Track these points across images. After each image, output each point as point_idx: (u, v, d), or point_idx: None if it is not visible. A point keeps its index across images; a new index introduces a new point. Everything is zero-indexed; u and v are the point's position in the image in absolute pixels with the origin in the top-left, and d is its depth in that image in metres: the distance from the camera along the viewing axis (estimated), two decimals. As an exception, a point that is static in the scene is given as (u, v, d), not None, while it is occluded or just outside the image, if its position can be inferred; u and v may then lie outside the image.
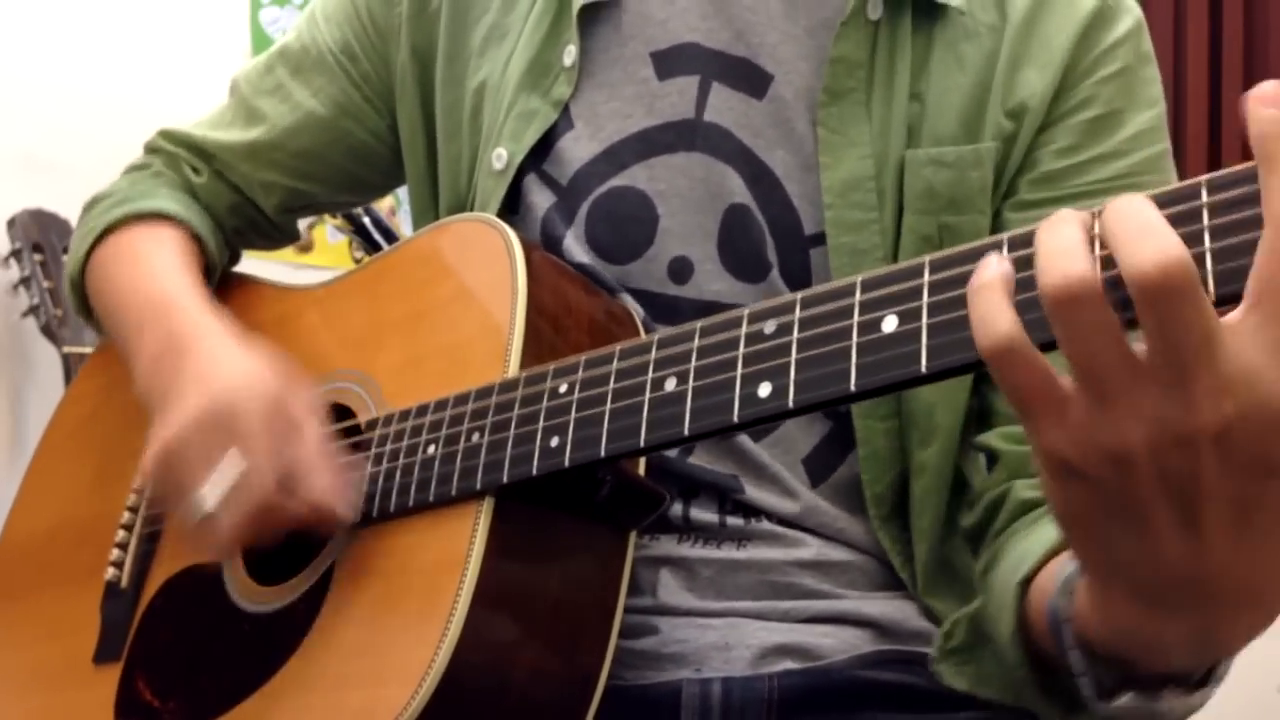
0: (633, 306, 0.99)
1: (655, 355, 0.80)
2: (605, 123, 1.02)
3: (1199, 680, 0.70)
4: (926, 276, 0.67)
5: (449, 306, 0.97)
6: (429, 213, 1.12)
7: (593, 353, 0.84)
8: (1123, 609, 0.66)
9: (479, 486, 0.85)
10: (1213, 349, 0.55)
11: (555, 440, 0.83)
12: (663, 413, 0.78)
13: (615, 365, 0.82)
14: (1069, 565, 0.74)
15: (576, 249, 1.00)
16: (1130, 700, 0.70)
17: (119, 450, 1.14)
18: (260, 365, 0.96)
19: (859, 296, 0.70)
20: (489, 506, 0.85)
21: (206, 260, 1.16)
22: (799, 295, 0.74)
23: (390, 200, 2.73)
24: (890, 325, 0.68)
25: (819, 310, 0.72)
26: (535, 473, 0.83)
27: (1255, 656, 0.75)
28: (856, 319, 0.70)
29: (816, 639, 0.96)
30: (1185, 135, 3.07)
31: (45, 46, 2.53)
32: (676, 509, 0.97)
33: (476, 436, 0.87)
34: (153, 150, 1.22)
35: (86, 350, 2.12)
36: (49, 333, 2.29)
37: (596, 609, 0.89)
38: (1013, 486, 0.93)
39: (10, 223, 2.37)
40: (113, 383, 1.19)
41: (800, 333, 0.72)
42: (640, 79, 1.02)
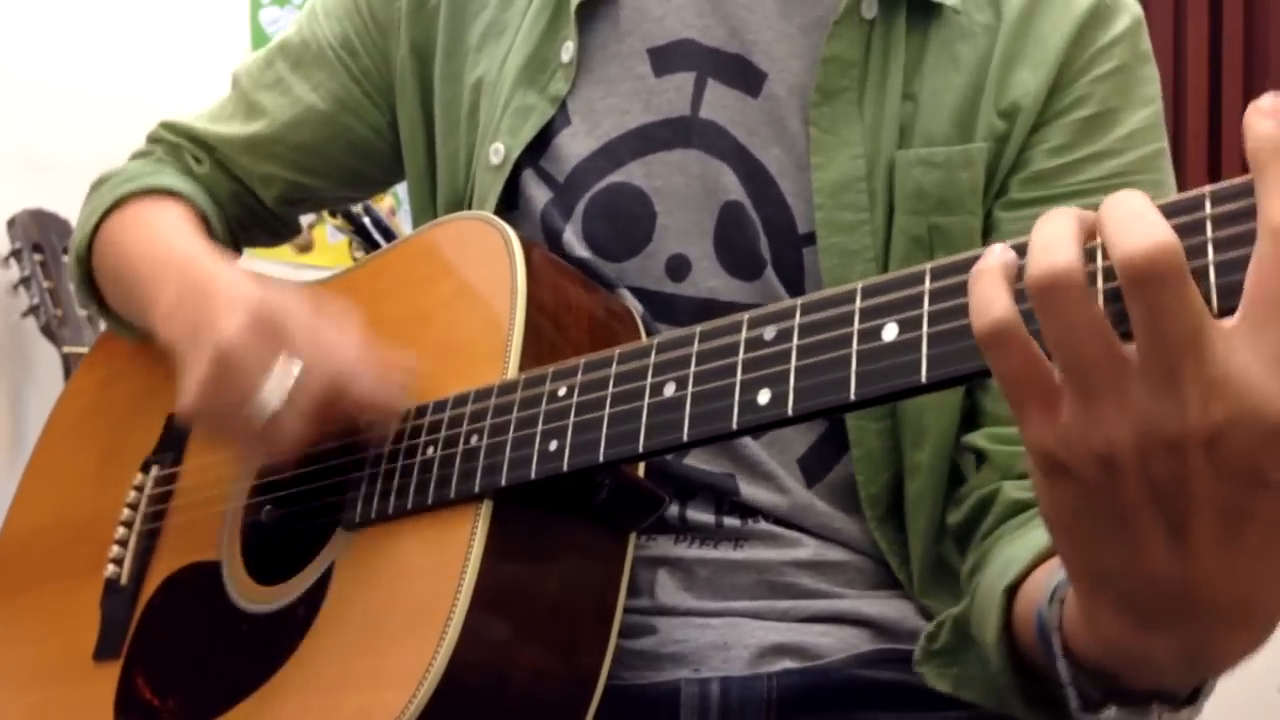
0: (631, 303, 0.99)
1: (654, 360, 0.80)
2: (602, 119, 1.02)
3: (1186, 698, 0.69)
4: (927, 284, 0.67)
5: (448, 305, 0.97)
6: (428, 209, 1.12)
7: (592, 356, 0.84)
8: (1110, 623, 0.65)
9: (477, 489, 0.85)
10: (1201, 346, 0.55)
11: (554, 444, 0.83)
12: (661, 418, 0.78)
13: (614, 369, 0.82)
14: (1057, 574, 0.73)
15: (575, 244, 1.01)
16: (1115, 714, 0.69)
17: (119, 445, 1.15)
18: (286, 286, 0.96)
19: (859, 304, 0.70)
20: (487, 509, 0.85)
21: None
22: (799, 301, 0.74)
23: (390, 200, 2.72)
24: (890, 334, 0.68)
25: (819, 317, 0.72)
26: (533, 476, 0.83)
27: (1255, 656, 0.74)
28: (857, 326, 0.69)
29: (815, 638, 0.96)
30: (1185, 135, 3.07)
31: (45, 46, 2.52)
32: (673, 510, 0.97)
33: (475, 439, 0.87)
34: (155, 140, 1.23)
35: (86, 350, 2.12)
36: (49, 333, 2.29)
37: (596, 610, 0.89)
38: (1002, 487, 0.93)
39: (10, 223, 2.36)
40: (112, 377, 1.20)
41: (800, 339, 0.72)
42: (637, 75, 1.02)
